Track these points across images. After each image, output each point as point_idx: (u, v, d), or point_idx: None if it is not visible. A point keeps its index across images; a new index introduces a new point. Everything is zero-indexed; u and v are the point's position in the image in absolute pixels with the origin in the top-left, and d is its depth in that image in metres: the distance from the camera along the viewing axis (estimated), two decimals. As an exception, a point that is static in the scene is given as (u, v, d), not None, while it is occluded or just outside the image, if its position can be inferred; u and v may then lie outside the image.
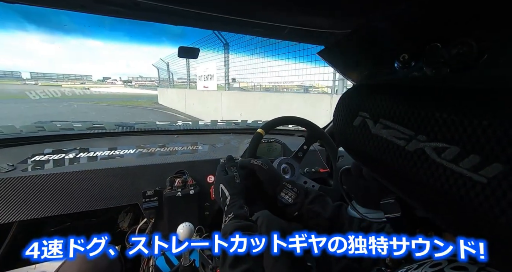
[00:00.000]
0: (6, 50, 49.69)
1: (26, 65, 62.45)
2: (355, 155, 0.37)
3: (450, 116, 0.23)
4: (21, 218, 0.81)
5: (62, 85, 25.21)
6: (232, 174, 0.66)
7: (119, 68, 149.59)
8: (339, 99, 0.38)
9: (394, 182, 0.31)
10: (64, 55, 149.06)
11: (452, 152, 0.22)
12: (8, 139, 1.07)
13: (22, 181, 0.80)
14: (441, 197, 0.24)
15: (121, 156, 1.03)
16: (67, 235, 1.20)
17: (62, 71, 57.23)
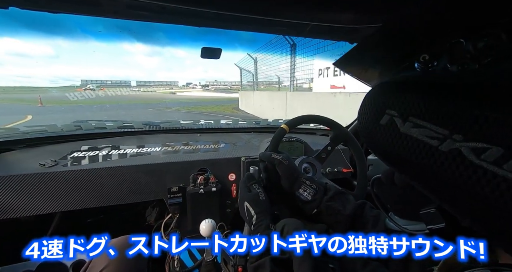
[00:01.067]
0: (121, 65, 70.37)
1: (134, 75, 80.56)
2: (382, 155, 0.35)
3: (492, 114, 0.21)
4: (63, 209, 0.89)
5: (156, 91, 28.01)
6: (256, 191, 0.66)
7: (198, 74, 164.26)
8: (364, 96, 0.37)
9: (424, 184, 0.29)
10: (159, 65, 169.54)
11: (495, 153, 0.20)
12: (52, 137, 1.18)
13: (63, 176, 0.88)
14: (481, 203, 0.22)
15: (148, 154, 1.09)
16: (101, 226, 1.29)
17: (157, 78, 67.50)
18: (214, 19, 0.55)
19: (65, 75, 69.25)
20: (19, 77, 68.02)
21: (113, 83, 29.28)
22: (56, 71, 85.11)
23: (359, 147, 0.96)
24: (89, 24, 1.49)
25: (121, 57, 25.85)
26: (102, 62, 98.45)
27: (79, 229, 1.26)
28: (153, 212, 1.22)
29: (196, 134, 1.44)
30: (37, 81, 65.58)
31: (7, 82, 38.62)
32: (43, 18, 0.60)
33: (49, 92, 9.58)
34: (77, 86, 22.34)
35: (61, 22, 0.79)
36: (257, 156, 1.13)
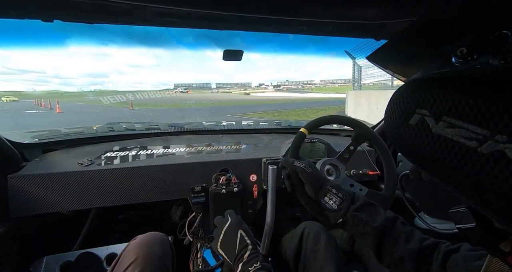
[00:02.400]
0: (204, 69, 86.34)
1: (214, 78, 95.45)
2: (412, 157, 0.33)
3: None
4: (97, 205, 0.96)
5: (232, 92, 30.04)
6: (245, 226, 0.67)
7: (270, 75, 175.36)
8: (392, 95, 0.35)
9: (462, 189, 0.27)
10: (235, 68, 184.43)
11: None
12: (88, 138, 1.28)
13: (98, 174, 0.95)
14: None
15: (173, 154, 1.14)
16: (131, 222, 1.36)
17: (233, 80, 74.26)
18: (237, 22, 0.56)
19: (164, 80, 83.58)
20: (134, 83, 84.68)
21: (197, 85, 31.51)
22: (158, 77, 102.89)
23: (385, 146, 0.90)
24: (182, 35, 1.67)
25: (204, 62, 29.38)
26: (190, 68, 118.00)
27: (112, 225, 1.35)
28: (177, 211, 1.27)
29: (218, 135, 1.48)
30: (145, 86, 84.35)
31: (124, 87, 48.65)
32: (149, 34, 0.72)
33: (144, 94, 10.16)
34: (170, 89, 24.23)
35: (162, 36, 0.90)
36: (278, 158, 1.12)
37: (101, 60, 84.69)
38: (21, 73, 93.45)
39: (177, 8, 0.50)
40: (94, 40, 1.01)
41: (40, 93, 13.73)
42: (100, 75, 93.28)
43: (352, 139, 0.91)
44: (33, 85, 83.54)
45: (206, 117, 8.16)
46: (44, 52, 10.58)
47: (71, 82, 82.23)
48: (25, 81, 62.17)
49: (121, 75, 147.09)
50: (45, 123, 6.62)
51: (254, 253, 0.60)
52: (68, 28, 0.65)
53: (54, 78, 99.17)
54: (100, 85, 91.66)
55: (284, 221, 1.46)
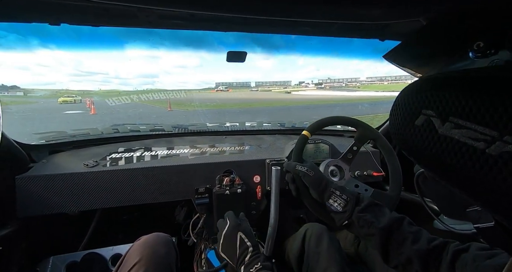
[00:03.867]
0: (243, 69, 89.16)
1: (253, 77, 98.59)
2: (417, 158, 0.32)
3: None
4: (103, 206, 0.97)
5: (272, 90, 30.32)
6: (247, 224, 0.67)
7: (310, 73, 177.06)
8: (397, 96, 0.35)
9: (469, 191, 0.27)
10: (274, 67, 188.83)
11: None
12: (94, 140, 1.30)
13: (104, 175, 0.96)
14: None
15: (177, 155, 1.14)
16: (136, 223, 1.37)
17: (272, 79, 75.19)
18: (241, 23, 0.57)
19: (206, 79, 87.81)
20: (179, 83, 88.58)
21: (237, 84, 31.94)
22: (201, 77, 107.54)
23: (389, 145, 0.89)
24: (224, 37, 1.78)
25: (245, 61, 32.11)
26: (230, 67, 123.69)
27: (116, 226, 1.36)
28: (181, 212, 1.28)
29: (222, 136, 1.48)
30: (189, 85, 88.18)
31: (171, 86, 50.65)
32: (194, 37, 0.77)
33: (186, 94, 9.83)
34: (212, 88, 24.30)
35: (206, 38, 0.97)
36: (282, 158, 1.12)
37: (152, 62, 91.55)
38: (90, 75, 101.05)
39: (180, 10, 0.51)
40: (147, 44, 1.07)
41: (102, 92, 13.54)
42: (151, 75, 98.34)
43: (355, 139, 0.90)
44: (99, 85, 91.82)
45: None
46: (108, 55, 11.24)
47: (128, 82, 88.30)
48: (93, 82, 68.81)
49: (168, 75, 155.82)
50: (72, 124, 6.56)
51: (255, 255, 0.60)
52: (127, 34, 0.73)
53: (115, 78, 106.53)
54: (151, 84, 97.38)
55: (288, 223, 1.45)
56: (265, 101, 17.07)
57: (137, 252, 0.73)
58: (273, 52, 1.13)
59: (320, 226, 0.92)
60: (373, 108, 11.29)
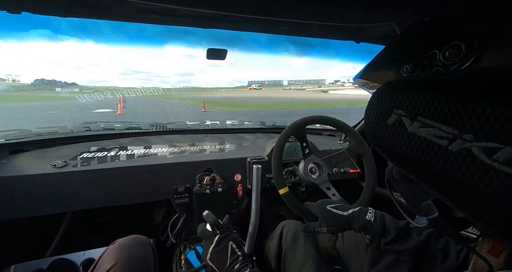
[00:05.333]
0: (276, 67, 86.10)
1: (285, 75, 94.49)
2: (390, 155, 0.34)
3: (504, 113, 0.20)
4: (73, 209, 0.91)
5: (306, 89, 28.76)
6: (236, 235, 0.68)
7: (345, 71, 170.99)
8: (371, 96, 0.37)
9: (434, 185, 0.29)
10: (307, 65, 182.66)
11: (507, 153, 0.20)
12: (62, 138, 1.21)
13: (73, 176, 0.90)
14: (494, 204, 0.21)
15: (155, 154, 1.10)
16: (110, 226, 1.31)
17: (305, 77, 71.26)
18: (221, 20, 0.56)
19: (238, 78, 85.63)
20: (213, 81, 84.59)
21: (269, 82, 30.66)
22: (234, 75, 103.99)
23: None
24: (259, 36, 1.76)
25: (276, 60, 29.80)
26: (263, 66, 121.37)
27: (89, 229, 1.29)
28: (160, 212, 1.24)
29: (202, 135, 1.46)
30: (222, 83, 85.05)
31: (205, 84, 48.35)
32: (229, 35, 0.78)
33: (220, 91, 9.01)
34: (244, 86, 22.74)
35: (239, 37, 0.96)
36: (263, 157, 1.13)
37: (189, 61, 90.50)
38: (135, 73, 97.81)
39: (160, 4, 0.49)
40: (185, 43, 1.07)
41: (144, 89, 12.33)
42: (187, 74, 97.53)
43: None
44: (142, 83, 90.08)
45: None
46: (150, 54, 10.76)
47: (167, 80, 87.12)
48: (138, 80, 67.00)
49: (203, 73, 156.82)
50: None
51: (244, 263, 0.61)
52: (167, 33, 0.78)
53: (156, 77, 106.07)
54: (187, 83, 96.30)
55: (269, 220, 1.47)
56: (306, 101, 16.00)
57: (112, 255, 0.69)
58: (308, 51, 1.16)
59: (296, 223, 0.95)
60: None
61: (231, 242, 0.65)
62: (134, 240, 0.76)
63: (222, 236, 0.66)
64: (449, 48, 0.46)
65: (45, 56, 24.26)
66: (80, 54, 27.29)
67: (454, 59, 0.45)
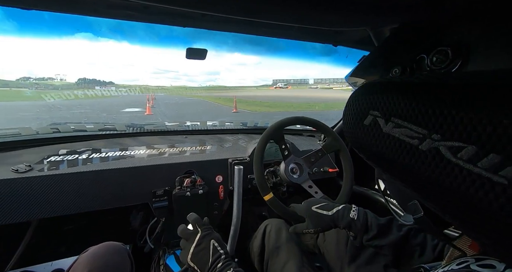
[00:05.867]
0: (300, 65, 79.19)
1: (311, 74, 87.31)
2: (366, 155, 0.36)
3: (467, 114, 0.22)
4: (39, 217, 0.84)
5: (333, 88, 27.60)
6: (217, 234, 0.67)
7: None
8: (349, 97, 0.38)
9: (408, 182, 0.30)
10: (332, 63, 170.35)
11: (469, 152, 0.22)
12: (26, 141, 1.11)
13: (40, 181, 0.83)
14: (458, 199, 0.23)
15: (132, 157, 1.06)
16: (82, 233, 1.23)
17: (331, 76, 66.76)
18: (200, 19, 0.55)
19: (263, 76, 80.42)
20: (239, 80, 78.35)
21: (295, 81, 29.46)
22: (259, 74, 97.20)
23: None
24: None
25: (301, 58, 28.33)
26: (287, 64, 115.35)
27: (58, 237, 1.20)
28: (137, 217, 1.19)
29: (182, 136, 1.42)
30: (247, 82, 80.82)
31: (231, 83, 44.69)
32: (255, 36, 0.80)
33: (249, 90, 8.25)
34: (269, 85, 21.32)
35: (264, 38, 0.99)
36: (244, 158, 1.12)
37: (215, 60, 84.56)
38: (165, 72, 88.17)
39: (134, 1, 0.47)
40: (212, 43, 1.06)
41: (173, 88, 11.17)
42: (214, 73, 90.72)
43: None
44: (171, 82, 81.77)
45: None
46: (178, 54, 9.85)
47: (194, 79, 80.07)
48: (167, 79, 60.68)
49: (229, 72, 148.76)
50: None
51: (227, 262, 0.60)
52: (194, 34, 0.81)
53: (184, 76, 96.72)
54: (213, 81, 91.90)
55: (251, 220, 1.47)
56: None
57: (84, 264, 0.65)
58: (331, 47, 1.19)
59: (279, 221, 0.95)
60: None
61: (213, 240, 0.63)
62: (108, 247, 0.72)
63: (204, 234, 0.64)
64: (436, 53, 0.49)
65: (87, 56, 22.80)
66: (117, 54, 26.56)
67: (441, 65, 0.48)
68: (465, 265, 0.31)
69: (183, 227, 0.67)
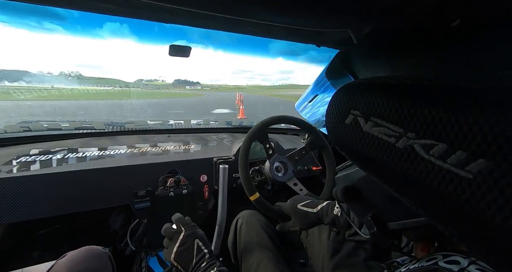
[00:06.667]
0: None
1: None
2: (348, 153, 0.37)
3: (438, 114, 0.23)
4: (8, 221, 0.78)
5: None
6: (201, 232, 0.66)
7: None
8: (331, 97, 0.39)
9: (385, 178, 0.32)
10: None
11: (440, 149, 0.23)
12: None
13: (7, 183, 0.78)
14: (431, 193, 0.25)
15: (112, 156, 1.01)
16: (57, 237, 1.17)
17: None
18: (184, 15, 0.53)
19: None
20: (310, 78, 72.24)
21: None
22: None
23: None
24: None
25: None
26: None
27: (29, 242, 1.12)
28: (118, 219, 1.14)
29: (165, 135, 1.38)
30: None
31: (304, 81, 40.72)
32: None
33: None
34: None
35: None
36: (229, 157, 1.12)
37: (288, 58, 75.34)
38: (242, 72, 79.74)
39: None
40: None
41: (249, 87, 10.25)
42: (287, 71, 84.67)
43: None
44: (246, 81, 74.81)
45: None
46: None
47: (268, 78, 73.82)
48: (244, 78, 55.17)
49: (302, 70, 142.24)
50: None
51: (211, 261, 0.60)
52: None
53: (259, 75, 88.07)
54: (286, 80, 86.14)
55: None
56: None
57: (62, 271, 0.62)
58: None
59: (250, 213, 0.94)
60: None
61: (197, 240, 0.62)
62: (88, 251, 0.69)
63: (188, 233, 0.63)
64: None
65: (180, 60, 22.51)
66: (203, 58, 28.05)
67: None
68: (434, 262, 0.34)
69: (167, 226, 0.66)
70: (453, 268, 0.30)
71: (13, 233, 1.01)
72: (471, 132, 0.21)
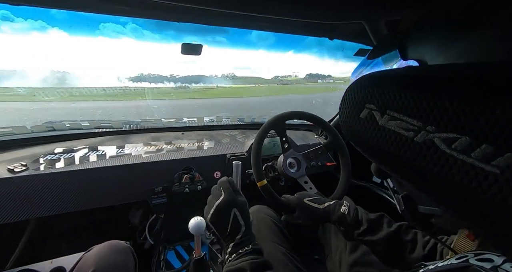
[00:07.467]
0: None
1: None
2: (363, 148, 0.36)
3: (460, 106, 0.22)
4: (37, 215, 0.84)
5: None
6: (244, 199, 0.61)
7: None
8: (345, 91, 0.38)
9: (403, 174, 0.31)
10: None
11: (463, 143, 0.22)
12: (20, 140, 1.10)
13: (36, 180, 0.83)
14: (453, 189, 0.24)
15: (129, 154, 1.05)
16: (81, 231, 1.23)
17: None
18: (198, 14, 0.54)
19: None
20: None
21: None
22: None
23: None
24: None
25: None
26: None
27: (57, 236, 1.20)
28: (136, 214, 1.19)
29: (179, 133, 1.41)
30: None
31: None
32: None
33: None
34: None
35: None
36: (242, 153, 1.12)
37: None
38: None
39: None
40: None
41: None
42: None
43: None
44: None
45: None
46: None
47: None
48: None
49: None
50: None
51: (247, 236, 0.56)
52: None
53: None
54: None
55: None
56: None
57: (90, 263, 0.65)
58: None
59: (259, 208, 0.94)
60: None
61: (234, 209, 0.57)
62: (113, 245, 0.73)
63: (225, 198, 0.58)
64: None
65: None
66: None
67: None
68: (464, 259, 0.32)
69: (215, 187, 0.64)
70: (485, 265, 0.29)
71: (42, 227, 1.08)
72: (498, 124, 0.19)
